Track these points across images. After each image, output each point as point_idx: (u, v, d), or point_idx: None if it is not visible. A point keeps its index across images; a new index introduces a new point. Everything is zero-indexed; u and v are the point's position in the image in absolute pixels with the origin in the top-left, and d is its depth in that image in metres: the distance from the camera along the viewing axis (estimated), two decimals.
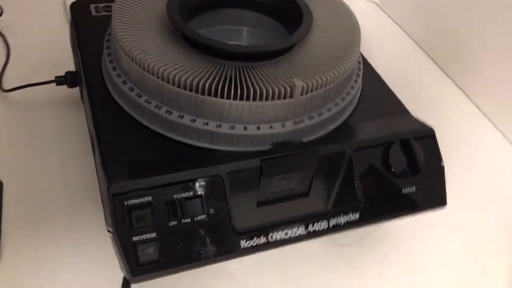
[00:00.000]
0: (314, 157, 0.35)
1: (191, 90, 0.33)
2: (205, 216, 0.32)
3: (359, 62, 0.41)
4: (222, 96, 0.33)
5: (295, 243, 0.35)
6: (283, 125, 0.35)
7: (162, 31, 0.37)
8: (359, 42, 0.39)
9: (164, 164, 0.33)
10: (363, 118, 0.39)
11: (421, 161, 0.36)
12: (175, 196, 0.32)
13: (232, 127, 0.34)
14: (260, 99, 0.33)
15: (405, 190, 0.37)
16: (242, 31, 0.43)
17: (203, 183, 0.32)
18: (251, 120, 0.34)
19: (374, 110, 0.40)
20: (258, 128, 0.34)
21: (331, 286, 0.40)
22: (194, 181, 0.32)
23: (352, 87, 0.39)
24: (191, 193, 0.32)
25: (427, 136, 0.38)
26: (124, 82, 0.36)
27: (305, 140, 0.36)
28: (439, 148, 0.38)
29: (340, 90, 0.38)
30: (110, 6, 0.46)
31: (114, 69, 0.37)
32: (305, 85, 0.34)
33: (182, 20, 0.36)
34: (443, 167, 0.38)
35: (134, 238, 0.31)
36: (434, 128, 0.38)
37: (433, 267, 0.42)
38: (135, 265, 0.31)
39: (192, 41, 0.36)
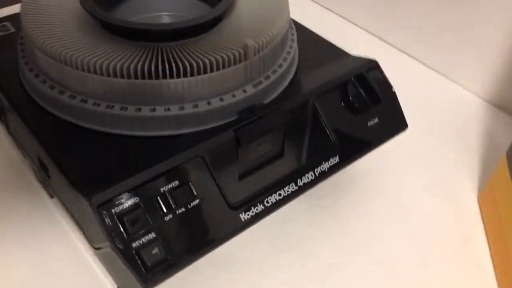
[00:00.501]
0: (283, 114, 0.34)
1: (136, 77, 0.31)
2: (198, 201, 0.31)
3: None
4: (176, 76, 0.31)
5: (289, 202, 0.34)
6: (245, 91, 0.34)
7: (80, 24, 0.35)
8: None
9: (136, 161, 0.31)
10: (311, 68, 0.39)
11: (379, 90, 0.37)
12: (162, 189, 0.30)
13: (196, 106, 0.32)
14: (217, 69, 0.32)
15: (370, 123, 0.38)
16: (166, 17, 0.41)
17: (186, 168, 0.31)
18: (212, 93, 0.33)
19: (318, 59, 0.40)
20: (221, 99, 0.33)
21: (321, 234, 0.40)
22: (176, 169, 0.30)
23: (292, 40, 0.39)
24: (177, 182, 0.30)
25: (373, 67, 0.39)
26: (52, 87, 0.33)
27: (267, 101, 0.35)
28: (386, 77, 0.40)
29: (284, 45, 0.38)
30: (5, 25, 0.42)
31: (37, 76, 0.34)
32: (256, 44, 0.33)
33: (97, 7, 0.34)
34: (394, 93, 0.39)
35: (135, 245, 0.28)
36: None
37: (407, 196, 0.44)
38: (145, 271, 0.28)
39: (118, 28, 0.33)
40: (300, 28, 0.44)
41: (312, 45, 0.42)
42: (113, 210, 0.28)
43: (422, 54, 0.60)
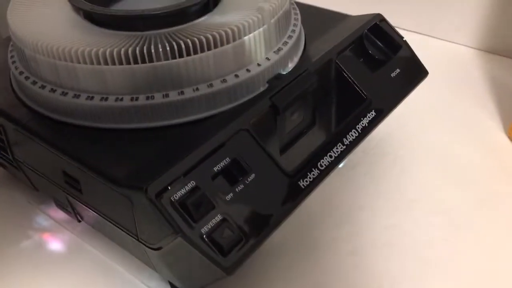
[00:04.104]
0: (311, 75, 0.33)
1: (159, 59, 0.28)
2: (253, 175, 0.28)
3: None
4: (200, 51, 0.29)
5: (340, 162, 0.32)
6: (268, 59, 0.32)
7: (67, 20, 0.32)
8: None
9: (179, 148, 0.28)
10: (320, 33, 0.38)
11: (395, 38, 0.37)
12: (215, 169, 0.27)
13: (224, 81, 0.30)
14: (239, 37, 0.30)
15: (393, 74, 0.37)
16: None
17: (233, 144, 0.28)
18: (238, 65, 0.31)
19: (323, 24, 0.39)
20: (248, 70, 0.31)
21: (369, 199, 0.39)
22: (223, 146, 0.28)
23: (295, 9, 0.38)
24: (228, 159, 0.28)
25: (382, 19, 0.38)
26: (64, 93, 0.30)
27: (290, 68, 0.34)
28: (394, 27, 0.39)
29: (291, 12, 0.36)
30: None
31: (43, 87, 0.31)
32: (271, 7, 0.32)
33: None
34: (405, 41, 0.39)
35: (204, 230, 0.25)
36: None
37: (440, 146, 0.43)
38: (223, 255, 0.25)
39: (110, 21, 0.31)
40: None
41: (312, 14, 0.41)
42: (172, 198, 0.25)
43: (400, 20, 0.60)
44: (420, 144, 0.43)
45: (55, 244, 0.38)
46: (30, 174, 0.35)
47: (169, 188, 0.25)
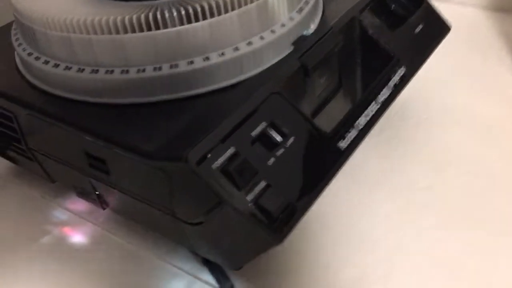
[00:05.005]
0: (336, 34, 0.31)
1: (181, 23, 0.26)
2: (293, 138, 0.26)
3: None
4: (224, 11, 0.27)
5: (376, 122, 0.31)
6: (291, 18, 0.30)
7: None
8: None
9: (211, 116, 0.26)
10: None
11: None
12: (252, 134, 0.25)
13: (250, 43, 0.29)
14: None
15: (417, 30, 0.36)
16: None
17: (267, 108, 0.27)
18: (263, 26, 0.29)
19: None
20: (273, 31, 0.29)
21: (402, 163, 0.37)
22: (258, 109, 0.26)
23: None
24: (264, 124, 0.26)
25: None
26: (81, 70, 0.28)
27: (313, 28, 0.32)
28: None
29: None
30: None
31: (46, 62, 0.29)
32: None
33: None
34: None
35: (250, 198, 0.24)
36: None
37: (462, 102, 0.42)
38: (273, 222, 0.24)
39: None
40: None
41: None
42: (213, 166, 0.24)
43: None
44: (443, 106, 0.42)
45: (78, 236, 0.36)
46: (47, 164, 0.33)
47: (209, 155, 0.24)
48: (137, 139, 0.26)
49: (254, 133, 0.25)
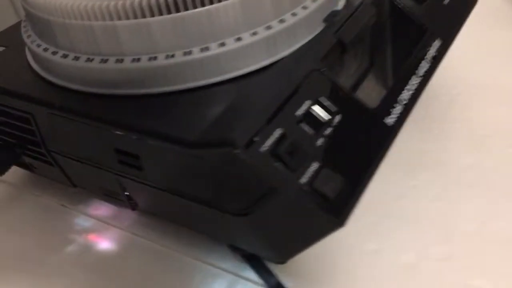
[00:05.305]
0: (370, 6, 0.29)
1: (211, 2, 0.25)
2: (339, 115, 0.25)
3: None
4: None
5: (420, 95, 0.29)
6: None
7: None
8: None
9: (250, 99, 0.25)
10: None
11: None
12: (298, 114, 0.24)
13: (282, 21, 0.27)
14: None
15: (446, 1, 0.34)
16: None
17: (309, 86, 0.25)
18: (293, 4, 0.27)
19: None
20: (305, 7, 0.28)
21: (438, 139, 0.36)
22: (300, 87, 0.24)
23: None
24: (309, 102, 0.24)
25: None
26: (105, 60, 0.26)
27: (342, 4, 0.30)
28: None
29: None
30: None
31: (65, 56, 0.27)
32: None
33: None
34: None
35: (303, 180, 0.22)
36: None
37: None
38: (332, 205, 0.22)
39: None
40: None
41: None
42: (262, 149, 0.22)
43: None
44: (474, 81, 0.40)
45: (105, 243, 0.34)
46: (69, 166, 0.31)
47: (256, 138, 0.22)
48: (175, 129, 0.24)
49: (299, 112, 0.24)
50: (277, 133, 0.22)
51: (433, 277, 0.28)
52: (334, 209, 0.22)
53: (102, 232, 0.34)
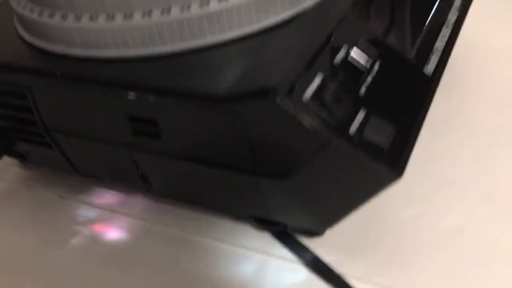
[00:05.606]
0: None
1: None
2: (378, 62, 0.22)
3: None
4: None
5: (452, 47, 0.27)
6: None
7: None
8: None
9: (282, 49, 0.22)
10: None
11: None
12: (336, 61, 0.21)
13: None
14: None
15: None
16: None
17: (344, 31, 0.22)
18: None
19: None
20: None
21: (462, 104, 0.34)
22: (335, 33, 0.22)
23: None
24: (346, 47, 0.22)
25: None
26: (111, 16, 0.23)
27: None
28: None
29: None
30: None
31: (64, 17, 0.24)
32: None
33: None
34: None
35: (353, 129, 0.19)
36: None
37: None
38: (387, 154, 0.19)
39: None
40: None
41: None
42: (304, 97, 0.19)
43: None
44: (488, 47, 0.39)
45: (114, 232, 0.31)
46: (71, 147, 0.28)
47: (297, 86, 0.19)
48: (200, 84, 0.21)
49: (337, 59, 0.21)
50: (319, 79, 0.20)
51: (480, 240, 0.26)
52: (390, 159, 0.19)
53: (109, 221, 0.31)
